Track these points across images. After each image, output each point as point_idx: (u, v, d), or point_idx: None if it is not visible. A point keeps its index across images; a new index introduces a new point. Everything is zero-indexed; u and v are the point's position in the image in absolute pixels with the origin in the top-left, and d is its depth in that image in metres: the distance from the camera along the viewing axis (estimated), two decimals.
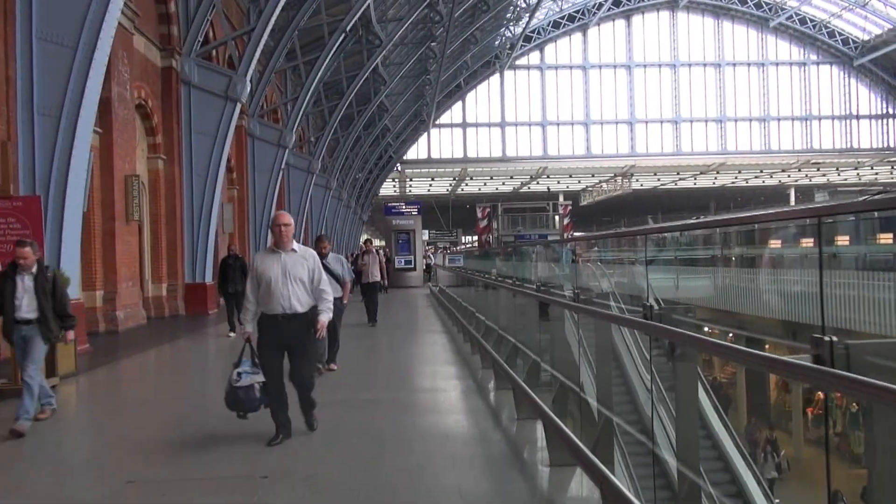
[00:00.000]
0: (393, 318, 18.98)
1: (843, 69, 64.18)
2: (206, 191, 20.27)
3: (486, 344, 10.31)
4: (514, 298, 9.28)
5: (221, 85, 20.48)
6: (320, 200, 37.05)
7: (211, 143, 20.35)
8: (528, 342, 8.35)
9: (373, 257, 16.68)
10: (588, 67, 61.91)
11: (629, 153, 61.01)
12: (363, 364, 11.12)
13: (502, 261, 15.35)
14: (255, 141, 26.73)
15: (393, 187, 64.50)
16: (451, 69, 49.32)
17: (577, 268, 7.46)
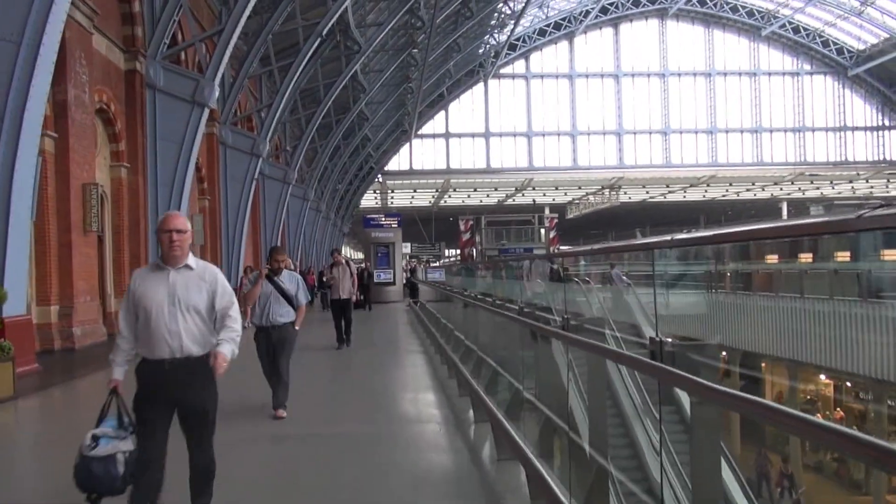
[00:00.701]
0: (367, 338, 18.35)
1: (837, 79, 64.34)
2: (172, 201, 19.62)
3: (463, 370, 9.75)
4: (496, 318, 8.73)
5: (189, 89, 19.90)
6: (298, 212, 36.43)
7: (177, 151, 19.74)
8: (510, 366, 7.80)
9: (342, 270, 15.38)
10: (575, 76, 61.73)
11: (617, 165, 60.72)
12: (327, 390, 10.48)
13: (484, 277, 14.83)
14: (228, 149, 26.15)
15: (374, 199, 63.90)
16: (434, 78, 48.93)
17: (566, 287, 6.94)
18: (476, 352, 11.20)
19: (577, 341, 4.13)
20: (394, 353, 15.25)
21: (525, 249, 41.57)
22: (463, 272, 19.76)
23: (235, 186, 26.13)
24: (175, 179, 19.68)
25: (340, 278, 15.23)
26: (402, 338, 18.79)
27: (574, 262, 13.84)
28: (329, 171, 42.07)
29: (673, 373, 2.49)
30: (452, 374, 10.93)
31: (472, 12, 40.49)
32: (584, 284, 10.15)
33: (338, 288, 15.27)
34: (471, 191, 61.62)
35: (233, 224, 25.85)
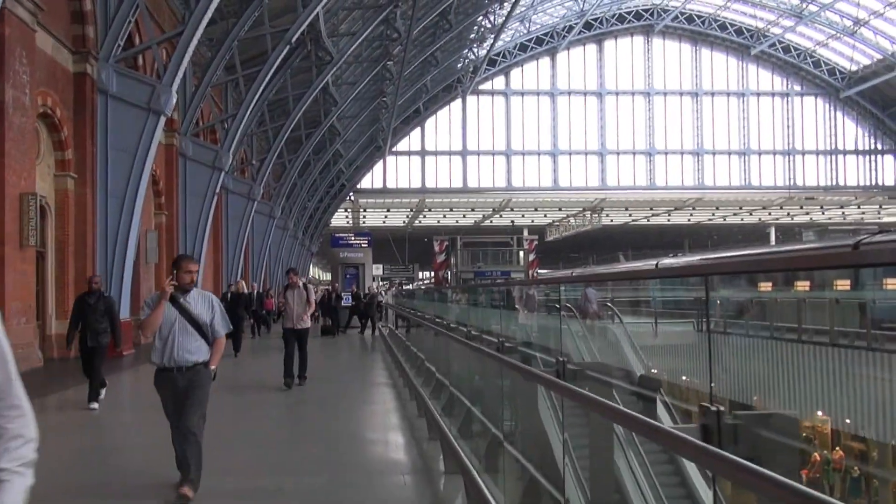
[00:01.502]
0: (329, 369, 17.60)
1: (828, 101, 64.48)
2: (124, 215, 18.82)
3: (433, 409, 9.06)
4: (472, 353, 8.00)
5: (144, 95, 19.16)
6: (263, 230, 35.60)
7: (130, 161, 18.96)
8: (487, 408, 7.11)
9: (298, 294, 13.52)
10: (557, 94, 61.48)
11: (599, 186, 60.32)
12: (275, 435, 9.50)
13: (458, 302, 14.14)
14: (188, 162, 25.38)
15: (346, 218, 63.11)
16: (410, 92, 48.41)
17: (562, 321, 6.23)
18: (448, 386, 10.51)
19: (586, 399, 3.40)
20: (358, 386, 14.43)
21: (503, 273, 40.89)
22: (436, 297, 19.06)
23: (195, 201, 25.34)
24: (127, 192, 18.87)
25: (295, 303, 13.48)
26: (369, 368, 18.03)
27: (562, 289, 13.06)
28: (298, 187, 41.31)
29: (750, 469, 1.67)
30: (423, 412, 10.24)
31: (450, 25, 40.05)
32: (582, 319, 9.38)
33: (291, 315, 13.59)
34: (447, 211, 61.00)
35: (191, 241, 25.00)
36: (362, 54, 36.67)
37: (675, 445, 2.04)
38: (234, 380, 15.23)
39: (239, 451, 7.71)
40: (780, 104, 64.60)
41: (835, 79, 63.31)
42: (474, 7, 43.43)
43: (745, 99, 63.74)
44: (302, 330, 13.54)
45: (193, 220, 25.13)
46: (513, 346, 6.77)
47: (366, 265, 31.70)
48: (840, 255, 1.88)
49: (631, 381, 5.34)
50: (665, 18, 61.78)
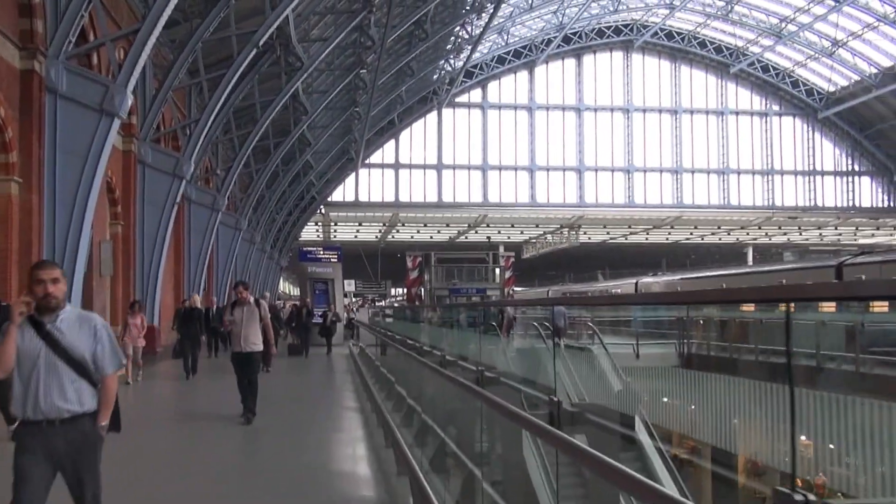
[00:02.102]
0: (293, 392, 16.63)
1: (806, 121, 64.75)
2: (73, 224, 17.72)
3: (401, 441, 8.17)
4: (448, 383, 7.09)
5: (97, 96, 18.09)
6: (229, 243, 34.49)
7: (81, 166, 17.87)
8: (465, 440, 6.27)
9: (248, 312, 11.59)
10: (535, 108, 61.00)
11: (577, 203, 59.77)
12: (227, 468, 8.52)
13: (431, 322, 13.27)
14: (147, 169, 24.29)
15: (316, 232, 61.98)
16: (384, 103, 47.66)
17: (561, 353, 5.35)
18: (419, 413, 9.70)
19: (591, 459, 2.58)
20: (324, 412, 13.47)
21: (478, 290, 40.05)
22: (407, 315, 18.16)
23: (155, 211, 24.24)
24: (77, 199, 17.78)
25: (244, 323, 11.56)
26: (338, 391, 17.07)
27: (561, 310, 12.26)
28: (266, 199, 40.25)
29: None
30: (390, 442, 9.35)
31: (426, 34, 39.39)
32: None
33: (239, 337, 11.59)
34: (420, 226, 60.10)
35: (149, 253, 23.89)
36: (334, 62, 35.88)
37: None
38: (188, 406, 14.30)
39: (192, 486, 6.76)
40: (758, 123, 64.74)
41: (813, 99, 63.61)
42: (451, 17, 42.86)
43: (724, 117, 63.72)
44: (250, 354, 11.57)
45: (152, 230, 24.01)
46: (494, 377, 5.95)
47: (336, 280, 30.69)
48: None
49: (627, 424, 4.60)
50: (644, 34, 61.65)
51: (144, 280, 23.59)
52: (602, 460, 2.55)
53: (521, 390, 5.43)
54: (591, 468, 2.75)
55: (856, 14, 54.46)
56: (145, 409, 13.65)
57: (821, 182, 65.05)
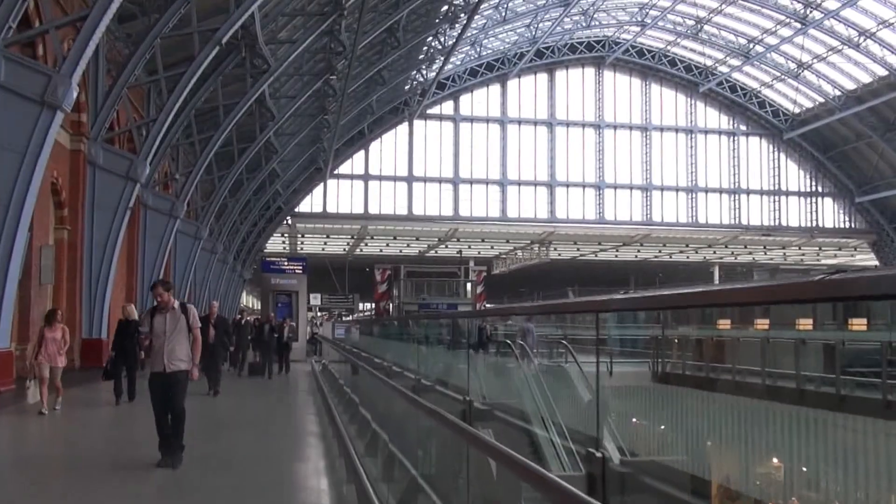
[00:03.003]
0: (248, 416, 14.73)
1: (772, 142, 64.00)
2: (7, 226, 15.67)
3: (364, 479, 6.57)
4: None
5: (38, 86, 16.12)
6: (188, 252, 32.38)
7: (18, 163, 15.86)
8: (440, 481, 4.75)
9: (173, 319, 9.05)
10: (507, 122, 59.42)
11: (548, 219, 58.23)
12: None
13: (403, 338, 11.48)
14: (98, 171, 22.24)
15: (282, 243, 59.76)
16: (354, 112, 45.85)
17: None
18: (386, 443, 8.07)
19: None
20: (279, 441, 11.59)
21: (449, 305, 38.26)
22: (375, 331, 16.27)
23: (105, 216, 22.14)
24: (13, 199, 15.75)
25: (168, 334, 8.96)
26: (294, 413, 15.18)
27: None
28: (230, 208, 38.17)
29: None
30: (352, 476, 7.74)
31: (399, 42, 37.83)
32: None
33: (161, 354, 8.92)
34: (390, 239, 58.16)
35: (98, 261, 21.77)
36: (303, 66, 34.04)
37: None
38: (108, 444, 11.74)
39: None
40: (726, 143, 63.86)
41: (778, 120, 62.96)
42: (424, 26, 41.29)
43: (692, 136, 62.77)
44: (175, 375, 8.91)
45: (102, 236, 21.91)
46: (487, 409, 4.98)
47: (300, 293, 28.75)
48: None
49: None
50: (616, 51, 60.59)
51: (92, 289, 21.49)
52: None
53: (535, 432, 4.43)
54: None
55: (821, 37, 54.09)
56: (48, 449, 11.37)
57: (786, 202, 64.28)
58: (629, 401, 4.20)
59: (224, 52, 26.48)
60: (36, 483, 8.63)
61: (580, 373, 7.24)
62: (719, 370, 15.73)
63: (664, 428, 3.72)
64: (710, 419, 3.45)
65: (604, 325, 5.47)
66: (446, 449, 5.43)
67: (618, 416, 3.92)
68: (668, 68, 61.89)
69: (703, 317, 12.14)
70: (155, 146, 23.06)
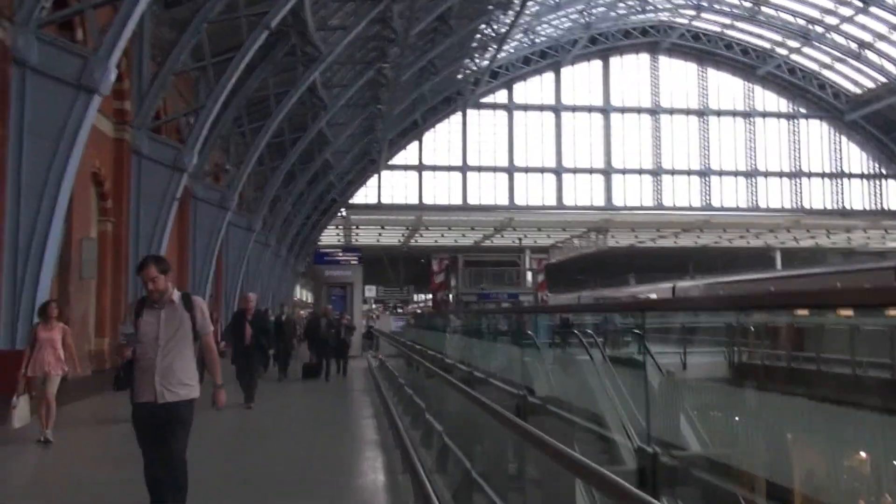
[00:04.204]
0: (299, 425, 13.04)
1: (833, 124, 60.92)
2: (41, 216, 14.27)
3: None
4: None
5: (73, 69, 14.68)
6: (240, 244, 31.04)
7: (53, 150, 14.44)
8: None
9: (170, 317, 5.77)
10: (561, 109, 57.30)
11: (605, 206, 56.14)
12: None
13: (484, 337, 9.64)
14: (143, 160, 20.81)
15: (336, 236, 58.39)
16: (406, 101, 44.14)
17: None
18: (456, 454, 6.45)
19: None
20: (331, 451, 9.83)
21: (510, 295, 36.24)
22: (433, 325, 14.34)
23: (151, 207, 20.71)
24: (46, 187, 14.35)
25: (162, 342, 5.73)
26: (350, 419, 13.40)
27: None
28: (283, 200, 36.77)
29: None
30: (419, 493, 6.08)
31: (451, 29, 36.03)
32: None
33: (151, 373, 5.67)
34: (444, 229, 56.38)
35: (144, 254, 20.36)
36: (355, 54, 32.45)
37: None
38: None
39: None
40: (786, 126, 61.00)
41: (839, 101, 59.90)
42: (476, 13, 39.43)
43: (751, 120, 60.08)
44: (175, 407, 5.64)
45: (148, 228, 20.48)
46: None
47: (354, 284, 27.09)
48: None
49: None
50: (671, 36, 58.08)
51: (138, 284, 20.05)
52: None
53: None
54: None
55: (883, 16, 50.93)
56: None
57: (848, 185, 61.35)
58: (704, 394, 3.75)
59: (274, 39, 25.02)
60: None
61: (653, 366, 6.29)
62: (801, 360, 13.42)
63: (739, 422, 3.25)
64: (791, 414, 2.95)
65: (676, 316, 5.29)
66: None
67: (692, 409, 3.56)
68: (725, 52, 59.09)
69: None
70: (203, 135, 21.56)
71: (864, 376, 9.83)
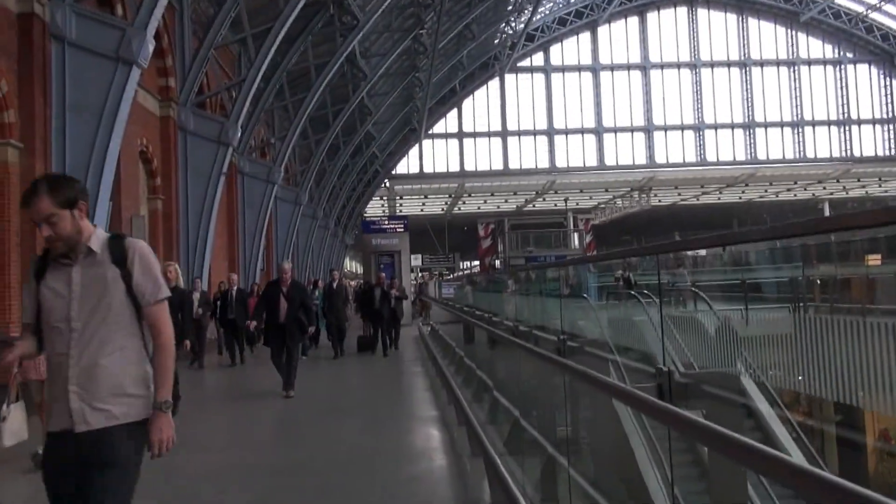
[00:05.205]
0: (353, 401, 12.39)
1: (882, 68, 58.16)
2: (89, 195, 13.84)
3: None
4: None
5: (111, 42, 14.23)
6: (288, 218, 30.67)
7: (95, 125, 14.01)
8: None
9: (88, 285, 3.17)
10: (599, 69, 55.67)
11: (647, 164, 54.56)
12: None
13: (534, 292, 8.89)
14: (189, 136, 20.43)
15: (381, 206, 57.88)
16: (445, 69, 43.27)
17: None
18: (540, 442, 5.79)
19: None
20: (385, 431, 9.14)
21: (558, 257, 35.44)
22: (489, 287, 13.43)
23: (200, 183, 20.35)
24: (90, 166, 13.92)
25: (77, 327, 3.14)
26: (405, 392, 12.77)
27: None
28: (328, 172, 36.31)
29: None
30: (496, 484, 5.39)
31: None
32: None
33: (62, 382, 3.14)
34: (487, 195, 55.48)
35: (194, 231, 20.03)
36: (392, 23, 31.64)
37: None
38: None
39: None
40: (832, 72, 58.37)
41: (888, 44, 57.21)
42: None
43: (795, 68, 57.63)
44: (98, 441, 3.13)
45: (197, 204, 20.13)
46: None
47: (402, 252, 26.54)
48: None
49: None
50: None
51: (190, 260, 19.76)
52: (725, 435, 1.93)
53: None
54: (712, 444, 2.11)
55: None
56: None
57: None
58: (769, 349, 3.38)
59: (312, 11, 24.48)
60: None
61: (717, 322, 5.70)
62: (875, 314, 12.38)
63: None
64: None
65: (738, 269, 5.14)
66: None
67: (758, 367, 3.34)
68: (766, 0, 56.72)
69: (852, 253, 9.22)
70: (245, 108, 21.06)
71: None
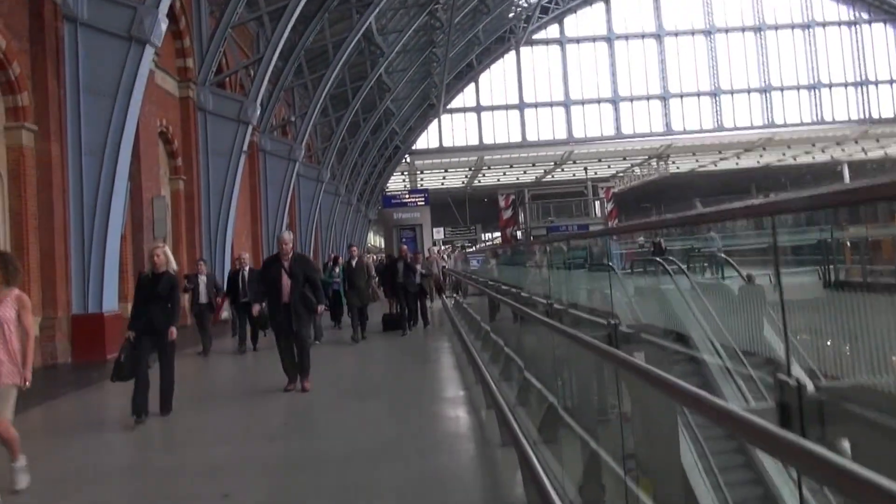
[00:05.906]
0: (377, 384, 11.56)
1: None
2: (104, 176, 13.31)
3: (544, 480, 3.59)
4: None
5: (123, 21, 13.58)
6: (311, 196, 30.08)
7: (110, 106, 13.41)
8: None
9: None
10: (613, 39, 54.32)
11: (664, 131, 53.32)
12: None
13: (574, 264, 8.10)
14: (209, 117, 19.82)
15: (403, 182, 57.19)
16: (461, 44, 42.26)
17: None
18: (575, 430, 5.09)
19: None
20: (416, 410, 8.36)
21: (580, 227, 34.53)
22: (513, 260, 12.51)
23: (220, 163, 19.76)
24: (107, 147, 13.34)
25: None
26: (431, 373, 11.92)
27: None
28: (349, 149, 35.62)
29: None
30: (530, 480, 4.63)
31: None
32: None
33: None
34: (506, 167, 54.63)
35: (216, 211, 19.47)
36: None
37: None
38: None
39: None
40: (847, 33, 56.50)
41: None
42: None
43: (810, 31, 55.84)
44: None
45: (219, 183, 19.56)
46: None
47: (423, 226, 25.88)
48: None
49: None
50: None
51: (212, 240, 19.22)
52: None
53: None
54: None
55: None
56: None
57: None
58: (806, 315, 2.58)
59: None
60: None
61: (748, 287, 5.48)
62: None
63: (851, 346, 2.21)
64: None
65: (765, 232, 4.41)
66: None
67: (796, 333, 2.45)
68: None
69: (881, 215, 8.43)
70: (263, 86, 20.38)
71: None
